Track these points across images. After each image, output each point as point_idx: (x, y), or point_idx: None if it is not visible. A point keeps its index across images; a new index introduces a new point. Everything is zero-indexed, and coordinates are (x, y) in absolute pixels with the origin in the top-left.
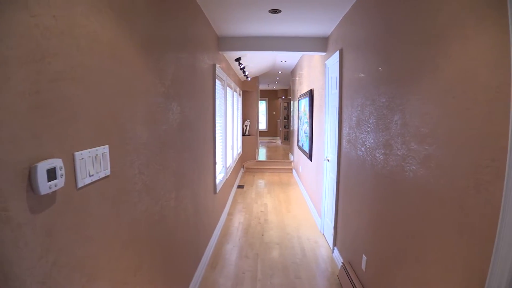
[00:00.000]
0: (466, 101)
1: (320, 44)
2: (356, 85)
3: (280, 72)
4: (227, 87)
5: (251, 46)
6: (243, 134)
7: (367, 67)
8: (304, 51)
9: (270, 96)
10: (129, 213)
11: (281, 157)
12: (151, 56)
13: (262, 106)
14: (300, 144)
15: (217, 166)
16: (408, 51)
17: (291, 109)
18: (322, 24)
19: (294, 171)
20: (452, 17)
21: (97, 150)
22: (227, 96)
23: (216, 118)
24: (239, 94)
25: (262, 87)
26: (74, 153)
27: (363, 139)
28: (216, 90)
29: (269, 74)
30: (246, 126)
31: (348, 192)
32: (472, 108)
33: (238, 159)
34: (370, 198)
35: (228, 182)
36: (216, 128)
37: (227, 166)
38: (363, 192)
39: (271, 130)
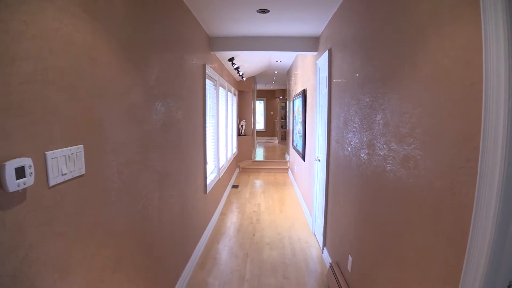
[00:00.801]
0: (442, 100)
1: (311, 43)
2: (344, 85)
3: (276, 72)
4: (220, 87)
5: (242, 46)
6: (239, 134)
7: (353, 67)
8: (295, 50)
9: (268, 96)
10: (107, 212)
11: (277, 157)
12: (131, 57)
13: (260, 106)
14: (294, 144)
15: (208, 166)
16: (389, 50)
17: (287, 109)
18: (312, 24)
19: (289, 171)
20: (430, 13)
21: (70, 149)
22: (220, 96)
23: (207, 118)
24: (234, 94)
25: (260, 87)
26: (46, 152)
27: (350, 139)
28: (207, 90)
29: (265, 74)
30: (241, 126)
31: (336, 192)
32: (448, 107)
33: (233, 159)
34: (356, 198)
35: (222, 182)
36: (207, 128)
37: (220, 166)
38: (349, 192)
39: (269, 130)
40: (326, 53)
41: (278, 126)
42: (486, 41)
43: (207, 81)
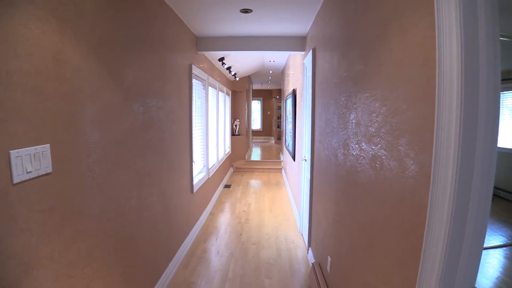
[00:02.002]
0: (402, 98)
1: (298, 43)
2: (325, 84)
3: (271, 72)
4: (210, 87)
5: (230, 46)
6: (233, 134)
7: (332, 66)
8: (283, 50)
9: (265, 95)
10: (76, 209)
11: (272, 156)
12: (104, 58)
13: (257, 105)
14: (286, 144)
15: (196, 165)
16: (360, 48)
17: (282, 109)
18: (297, 23)
19: (283, 171)
20: (393, 9)
21: (35, 148)
22: (210, 96)
23: (194, 118)
24: (227, 94)
25: (256, 86)
26: (10, 151)
27: (330, 139)
28: (194, 90)
29: (260, 73)
30: (235, 126)
31: (318, 192)
32: (407, 106)
33: (227, 159)
34: (334, 199)
35: (212, 182)
36: (195, 128)
37: (210, 166)
38: (329, 192)
39: (266, 130)
40: (311, 52)
41: (274, 126)
42: (440, 35)
43: (195, 81)
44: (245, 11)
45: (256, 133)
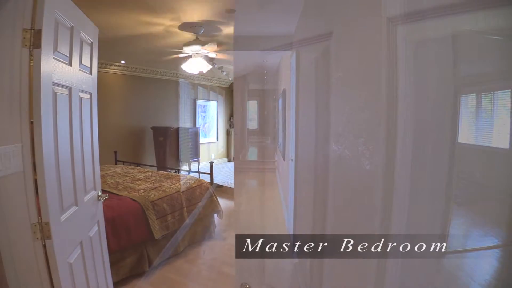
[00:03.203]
0: (362, 99)
1: (286, 42)
2: (306, 84)
3: (265, 71)
4: (200, 87)
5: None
6: (228, 134)
7: (310, 65)
8: (273, 49)
9: (263, 95)
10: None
11: (267, 156)
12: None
13: (254, 105)
14: (279, 144)
15: (185, 164)
16: (331, 46)
17: (276, 109)
18: (282, 23)
19: (277, 171)
20: (355, 13)
21: (5, 148)
22: (200, 96)
23: (182, 117)
24: (220, 94)
25: (252, 86)
26: None
27: (310, 139)
28: (181, 90)
29: (255, 73)
30: (230, 125)
31: (300, 192)
32: (365, 106)
33: (220, 158)
34: (312, 200)
35: (202, 182)
36: (182, 128)
37: (201, 165)
38: (308, 193)
39: (263, 130)
40: (295, 52)
41: (271, 126)
42: (383, 35)
43: (182, 80)
44: (228, 11)
45: (253, 132)
